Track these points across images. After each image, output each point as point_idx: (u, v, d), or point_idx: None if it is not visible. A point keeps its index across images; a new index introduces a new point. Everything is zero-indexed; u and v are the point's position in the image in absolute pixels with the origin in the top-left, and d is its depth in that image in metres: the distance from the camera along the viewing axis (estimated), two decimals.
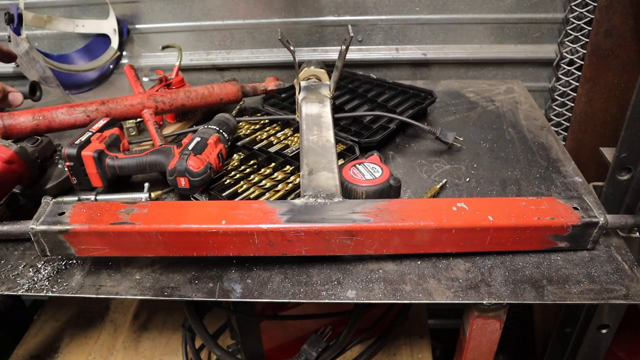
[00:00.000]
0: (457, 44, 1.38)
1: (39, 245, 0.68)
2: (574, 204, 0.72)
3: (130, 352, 1.27)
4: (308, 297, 0.68)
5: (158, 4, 1.39)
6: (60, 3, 1.41)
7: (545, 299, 0.66)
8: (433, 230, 0.68)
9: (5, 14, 1.13)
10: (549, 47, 1.35)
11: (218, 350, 1.02)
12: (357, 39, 1.40)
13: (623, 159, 0.88)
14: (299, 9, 1.37)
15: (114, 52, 1.39)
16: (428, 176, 0.94)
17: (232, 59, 1.44)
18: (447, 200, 0.72)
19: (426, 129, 1.02)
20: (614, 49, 1.23)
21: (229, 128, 0.95)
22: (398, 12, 1.35)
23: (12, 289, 0.70)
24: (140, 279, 0.72)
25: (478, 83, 1.36)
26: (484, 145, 1.04)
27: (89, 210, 0.69)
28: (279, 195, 0.85)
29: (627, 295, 0.66)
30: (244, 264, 0.73)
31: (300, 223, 0.66)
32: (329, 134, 0.86)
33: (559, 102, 1.38)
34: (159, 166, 0.85)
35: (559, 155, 0.99)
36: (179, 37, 1.43)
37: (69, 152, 0.83)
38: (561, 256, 0.73)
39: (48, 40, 1.47)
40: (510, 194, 0.88)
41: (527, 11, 1.31)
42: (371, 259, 0.74)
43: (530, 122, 1.13)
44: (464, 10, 1.33)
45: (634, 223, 0.74)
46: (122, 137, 0.93)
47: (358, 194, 0.76)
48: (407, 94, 1.18)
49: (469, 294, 0.67)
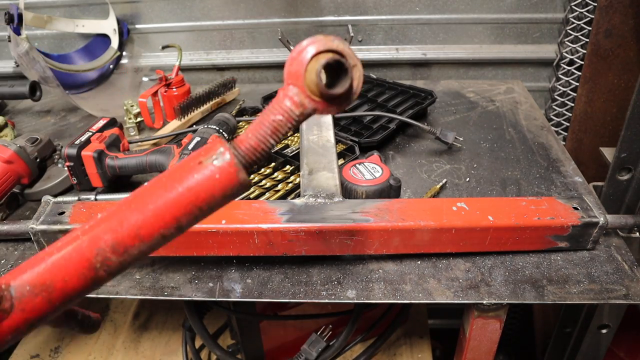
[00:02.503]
0: (457, 44, 1.38)
1: (39, 245, 0.68)
2: (574, 204, 0.72)
3: (130, 352, 1.27)
4: (308, 297, 0.68)
5: (158, 4, 1.39)
6: (60, 3, 1.41)
7: (545, 299, 0.66)
8: (433, 230, 0.68)
9: (5, 14, 1.13)
10: (549, 47, 1.35)
11: (218, 350, 1.02)
12: (357, 39, 1.40)
13: (623, 159, 0.88)
14: (299, 9, 1.37)
15: (114, 52, 1.39)
16: (428, 176, 0.94)
17: (232, 59, 1.44)
18: (447, 200, 0.72)
19: (426, 129, 1.02)
20: (614, 49, 1.23)
21: (229, 128, 0.95)
22: (398, 12, 1.35)
23: None
24: (140, 278, 0.72)
25: (478, 83, 1.36)
26: (484, 145, 1.04)
27: (89, 210, 0.69)
28: (279, 195, 0.85)
29: (627, 295, 0.66)
30: (244, 264, 0.73)
31: (300, 223, 0.66)
32: (329, 134, 0.86)
33: (559, 102, 1.38)
34: (159, 166, 0.85)
35: (559, 155, 0.99)
36: (179, 37, 1.43)
37: (69, 152, 0.83)
38: (561, 256, 0.73)
39: (48, 40, 1.47)
40: (510, 194, 0.88)
41: (527, 11, 1.31)
42: (371, 259, 0.74)
43: (530, 122, 1.13)
44: (464, 10, 1.33)
45: (634, 223, 0.74)
46: (122, 137, 0.93)
47: (358, 194, 0.76)
48: (407, 94, 1.18)
49: (469, 294, 0.67)
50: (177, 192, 0.36)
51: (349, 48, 0.38)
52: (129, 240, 0.36)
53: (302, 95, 0.37)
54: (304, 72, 0.36)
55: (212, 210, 0.38)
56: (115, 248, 0.36)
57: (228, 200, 0.37)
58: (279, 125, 0.37)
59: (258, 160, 0.38)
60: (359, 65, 0.38)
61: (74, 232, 0.37)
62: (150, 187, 0.37)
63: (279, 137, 0.38)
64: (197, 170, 0.36)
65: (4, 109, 1.35)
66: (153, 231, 0.36)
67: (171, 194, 0.36)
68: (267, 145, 0.38)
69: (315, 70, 0.36)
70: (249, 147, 0.38)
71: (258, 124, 0.38)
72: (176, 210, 0.36)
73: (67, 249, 0.36)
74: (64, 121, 1.25)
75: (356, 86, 0.38)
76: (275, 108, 0.38)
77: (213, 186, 0.36)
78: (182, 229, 0.37)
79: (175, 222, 0.36)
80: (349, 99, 0.38)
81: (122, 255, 0.36)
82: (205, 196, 0.36)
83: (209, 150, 0.37)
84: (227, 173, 0.36)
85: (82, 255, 0.36)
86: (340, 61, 0.36)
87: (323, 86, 0.36)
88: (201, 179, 0.36)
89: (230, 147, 0.37)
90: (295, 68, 0.37)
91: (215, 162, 0.36)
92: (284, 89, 0.37)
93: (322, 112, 0.38)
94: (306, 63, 0.36)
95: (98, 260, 0.36)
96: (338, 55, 0.37)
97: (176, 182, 0.36)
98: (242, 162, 0.37)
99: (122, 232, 0.36)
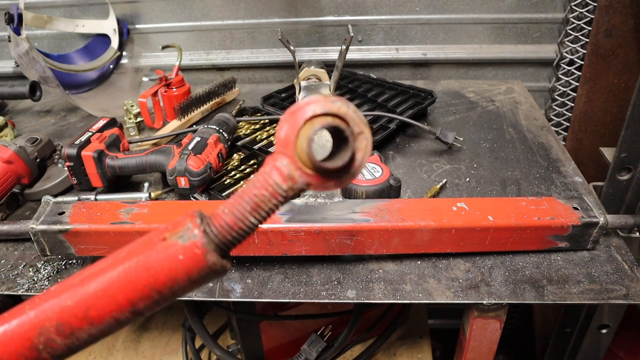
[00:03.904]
0: (457, 44, 1.38)
1: (39, 245, 0.68)
2: (574, 204, 0.72)
3: (130, 352, 1.27)
4: (308, 297, 0.68)
5: (158, 4, 1.39)
6: (60, 3, 1.41)
7: (545, 299, 0.66)
8: (433, 230, 0.68)
9: (5, 14, 1.13)
10: (549, 47, 1.35)
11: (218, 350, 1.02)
12: (357, 39, 1.40)
13: (623, 159, 0.88)
14: (299, 9, 1.37)
15: (114, 52, 1.39)
16: (428, 176, 0.94)
17: (232, 59, 1.44)
18: (447, 200, 0.72)
19: (426, 129, 1.02)
20: (614, 49, 1.23)
21: (228, 128, 0.95)
22: (398, 12, 1.35)
23: (12, 289, 0.70)
24: None
25: (478, 83, 1.36)
26: (484, 145, 1.04)
27: (89, 210, 0.69)
28: None
29: (627, 295, 0.66)
30: (244, 264, 0.73)
31: (300, 223, 0.66)
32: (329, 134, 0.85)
33: (559, 102, 1.38)
34: (159, 166, 0.85)
35: (559, 155, 0.99)
36: (179, 37, 1.43)
37: (69, 152, 0.83)
38: (561, 256, 0.73)
39: (48, 40, 1.47)
40: (510, 194, 0.88)
41: (527, 11, 1.31)
42: (371, 259, 0.74)
43: (530, 122, 1.13)
44: (464, 10, 1.33)
45: (634, 223, 0.74)
46: (122, 137, 0.93)
47: (358, 194, 0.76)
48: (407, 94, 1.18)
49: (469, 294, 0.67)
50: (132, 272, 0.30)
51: (355, 111, 0.30)
52: (76, 321, 0.31)
53: (293, 167, 0.31)
54: (295, 139, 0.30)
55: (177, 295, 0.31)
56: (60, 329, 0.31)
57: (197, 285, 0.31)
58: (261, 202, 0.31)
59: (235, 240, 0.32)
60: (366, 132, 0.31)
61: (24, 304, 0.32)
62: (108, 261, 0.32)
63: (262, 216, 0.32)
64: (158, 247, 0.30)
65: (4, 109, 1.35)
66: (104, 313, 0.30)
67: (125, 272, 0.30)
68: (245, 224, 0.31)
69: (307, 137, 0.30)
70: (224, 225, 0.31)
71: (237, 197, 0.32)
72: (131, 292, 0.30)
73: (9, 323, 0.31)
74: (64, 121, 1.25)
75: (360, 159, 0.31)
76: (259, 180, 0.31)
77: (175, 268, 0.30)
78: (140, 313, 0.31)
79: (130, 305, 0.30)
80: (351, 174, 0.32)
81: (69, 337, 0.31)
82: (166, 279, 0.30)
83: (177, 225, 0.31)
84: (192, 254, 0.30)
85: (24, 334, 0.31)
86: (340, 128, 0.30)
87: (315, 158, 0.30)
88: (161, 259, 0.30)
89: (202, 224, 0.31)
90: (286, 133, 0.30)
91: (180, 241, 0.30)
92: (272, 157, 0.31)
93: (317, 187, 0.32)
94: (298, 128, 0.30)
95: (41, 340, 0.31)
96: (339, 119, 0.30)
97: (133, 259, 0.31)
98: (215, 241, 0.31)
99: (69, 310, 0.31)
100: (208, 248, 0.30)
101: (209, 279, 0.31)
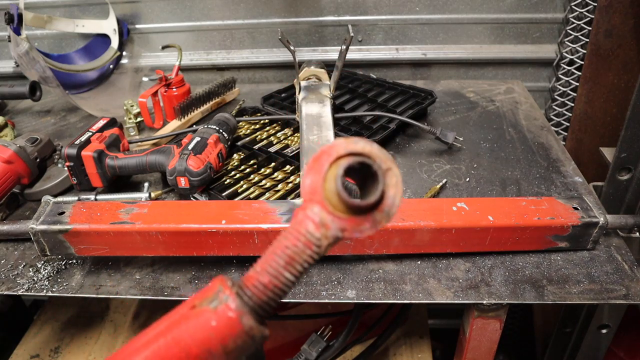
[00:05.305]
0: (457, 44, 1.38)
1: (39, 245, 0.68)
2: (574, 204, 0.72)
3: None
4: (308, 297, 0.68)
5: (158, 4, 1.39)
6: (60, 3, 1.41)
7: (545, 299, 0.66)
8: (433, 230, 0.68)
9: (5, 14, 1.13)
10: (549, 47, 1.35)
11: None
12: (357, 39, 1.40)
13: (623, 159, 0.88)
14: (299, 9, 1.37)
15: (114, 52, 1.39)
16: (428, 176, 0.94)
17: (232, 59, 1.44)
18: (447, 200, 0.72)
19: (426, 129, 1.02)
20: (614, 49, 1.23)
21: (228, 128, 0.95)
22: (398, 12, 1.35)
23: (12, 289, 0.70)
24: (140, 278, 0.72)
25: (478, 83, 1.36)
26: (484, 145, 1.04)
27: (89, 210, 0.69)
28: (279, 195, 0.85)
29: (627, 295, 0.66)
30: (244, 264, 0.73)
31: None
32: (329, 134, 0.85)
33: (559, 102, 1.38)
34: (159, 166, 0.85)
35: (559, 155, 0.99)
36: (179, 37, 1.43)
37: (69, 152, 0.83)
38: (561, 256, 0.73)
39: (48, 40, 1.47)
40: (510, 194, 0.88)
41: (527, 11, 1.31)
42: (371, 259, 0.74)
43: (530, 122, 1.13)
44: (464, 10, 1.33)
45: (634, 223, 0.74)
46: (122, 137, 0.93)
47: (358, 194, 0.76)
48: (407, 94, 1.18)
49: (469, 294, 0.67)
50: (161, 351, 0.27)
51: (380, 149, 0.30)
52: None
53: (324, 213, 0.29)
54: (323, 183, 0.29)
55: None
56: None
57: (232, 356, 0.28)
58: (295, 254, 0.29)
59: (271, 301, 0.29)
60: (394, 169, 0.30)
61: None
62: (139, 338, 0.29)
63: (298, 270, 0.30)
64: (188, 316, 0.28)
65: (4, 109, 1.35)
66: None
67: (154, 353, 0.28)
68: (281, 280, 0.29)
69: (335, 176, 0.29)
70: (257, 285, 0.29)
71: (269, 254, 0.30)
72: None
73: None
74: (64, 121, 1.25)
75: (392, 195, 0.29)
76: (290, 232, 0.30)
77: (208, 337, 0.27)
78: None
79: None
80: (385, 213, 0.30)
81: None
82: (199, 351, 0.28)
83: (206, 292, 0.29)
84: (226, 319, 0.28)
85: None
86: (366, 163, 0.29)
87: (346, 196, 0.29)
88: (192, 329, 0.28)
89: (233, 286, 0.29)
90: (312, 180, 0.29)
91: (212, 306, 0.28)
92: (301, 207, 0.30)
93: (352, 232, 0.30)
94: (324, 172, 0.29)
95: None
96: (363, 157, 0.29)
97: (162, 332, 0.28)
98: (249, 304, 0.29)
99: None
100: (243, 310, 0.28)
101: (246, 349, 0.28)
